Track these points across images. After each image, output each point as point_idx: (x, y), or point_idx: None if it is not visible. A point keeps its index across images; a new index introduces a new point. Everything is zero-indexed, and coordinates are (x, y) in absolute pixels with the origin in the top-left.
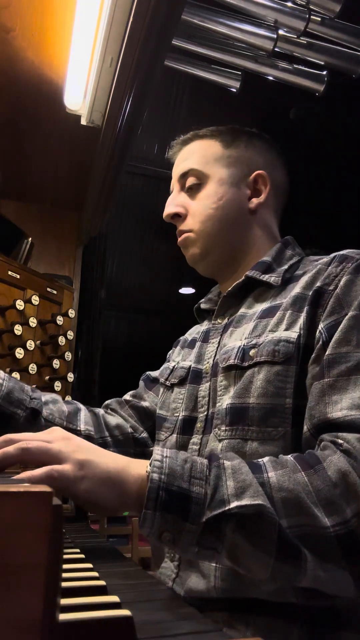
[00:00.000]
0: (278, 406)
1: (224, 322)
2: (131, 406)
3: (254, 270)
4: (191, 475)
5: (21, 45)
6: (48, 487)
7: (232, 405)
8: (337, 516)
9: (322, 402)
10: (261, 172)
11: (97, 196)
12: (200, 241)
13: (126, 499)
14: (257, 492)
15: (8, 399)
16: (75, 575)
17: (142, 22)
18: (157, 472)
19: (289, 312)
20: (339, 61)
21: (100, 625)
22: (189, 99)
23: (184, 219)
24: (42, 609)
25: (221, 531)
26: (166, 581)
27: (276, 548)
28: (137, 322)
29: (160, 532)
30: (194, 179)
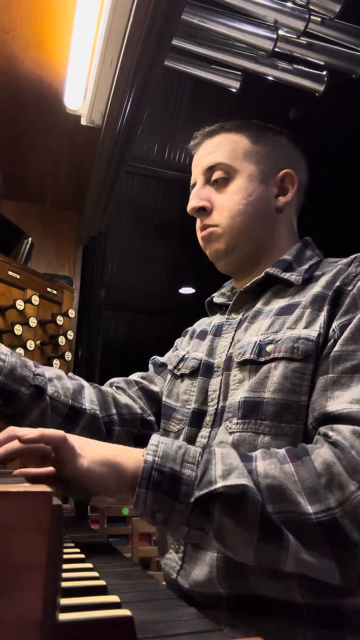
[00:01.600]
0: (293, 403)
1: (238, 318)
2: (141, 388)
3: (274, 267)
4: (184, 459)
5: (21, 45)
6: (48, 487)
7: (245, 398)
8: (320, 504)
9: (324, 396)
10: (289, 171)
11: (97, 196)
12: (227, 237)
13: (123, 479)
14: (242, 473)
15: (11, 377)
16: (75, 575)
17: (142, 22)
18: (151, 454)
19: (309, 310)
20: (339, 61)
21: (100, 625)
22: (189, 99)
23: (209, 213)
24: (42, 609)
25: (209, 511)
26: (170, 572)
27: (259, 528)
28: (137, 322)
29: (153, 512)
30: (221, 173)
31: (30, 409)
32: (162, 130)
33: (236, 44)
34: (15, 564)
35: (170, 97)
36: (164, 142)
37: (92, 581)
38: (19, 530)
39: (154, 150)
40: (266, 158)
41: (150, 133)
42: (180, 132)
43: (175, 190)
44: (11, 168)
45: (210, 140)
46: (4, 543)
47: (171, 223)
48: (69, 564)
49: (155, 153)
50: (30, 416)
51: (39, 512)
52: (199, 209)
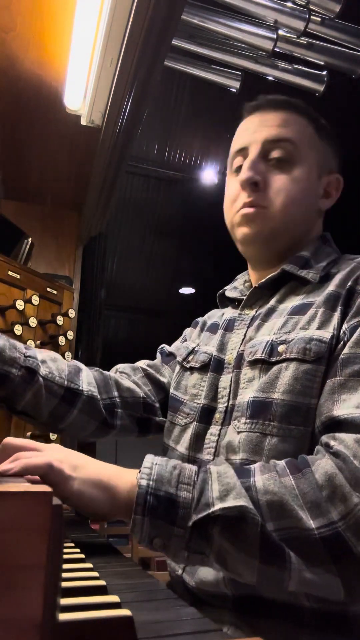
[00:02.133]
0: (303, 405)
1: (251, 314)
2: (147, 375)
3: (291, 264)
4: (179, 480)
5: (21, 45)
6: (48, 487)
7: (255, 398)
8: (323, 518)
9: (331, 399)
10: (339, 177)
11: (97, 196)
12: (274, 222)
13: (116, 504)
14: (239, 493)
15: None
16: (75, 575)
17: (142, 22)
18: (145, 478)
19: (322, 310)
20: (339, 61)
21: (101, 625)
22: (189, 99)
23: (260, 190)
24: (42, 609)
25: (208, 534)
26: (175, 569)
27: (259, 550)
28: (137, 322)
29: (150, 538)
30: (284, 153)
31: (23, 391)
32: (162, 130)
33: (236, 44)
34: (15, 564)
35: (170, 97)
36: (164, 142)
37: (92, 581)
38: (19, 530)
39: (154, 150)
40: (323, 154)
41: (150, 133)
42: (180, 132)
43: (175, 190)
44: (11, 168)
45: (276, 113)
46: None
47: (171, 223)
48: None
49: (155, 153)
50: (23, 398)
51: (39, 512)
52: (253, 183)
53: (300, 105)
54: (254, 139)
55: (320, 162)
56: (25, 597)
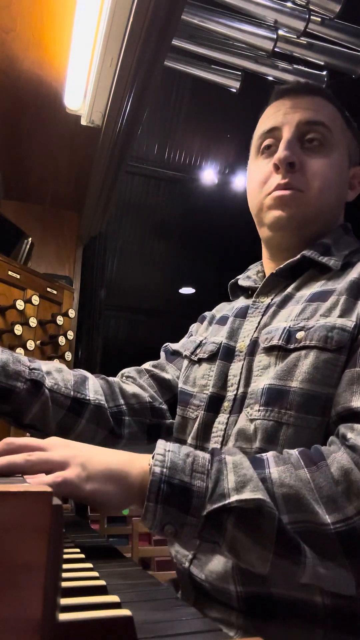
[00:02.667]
0: (322, 395)
1: (266, 302)
2: (152, 376)
3: (312, 250)
4: (193, 469)
5: (21, 45)
6: (48, 487)
7: (270, 386)
8: (338, 513)
9: (349, 390)
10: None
11: (97, 196)
12: (310, 207)
13: (130, 493)
14: (257, 486)
15: (4, 373)
16: (75, 575)
17: (142, 22)
18: (159, 465)
19: (344, 297)
20: (339, 61)
21: (100, 625)
22: (189, 99)
23: (296, 172)
24: (42, 609)
25: (222, 525)
26: (182, 561)
27: (275, 543)
28: (137, 322)
29: (162, 525)
30: (319, 136)
31: (29, 405)
32: (162, 130)
33: (236, 44)
34: (15, 564)
35: (170, 97)
36: (164, 142)
37: (92, 581)
38: (19, 530)
39: (154, 150)
40: (350, 146)
41: (150, 133)
42: (180, 132)
43: (175, 190)
44: (11, 168)
45: (310, 98)
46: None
47: (171, 223)
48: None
49: (155, 153)
50: (30, 412)
51: (39, 512)
52: (290, 163)
53: (331, 96)
54: (288, 120)
55: (350, 151)
56: (25, 597)
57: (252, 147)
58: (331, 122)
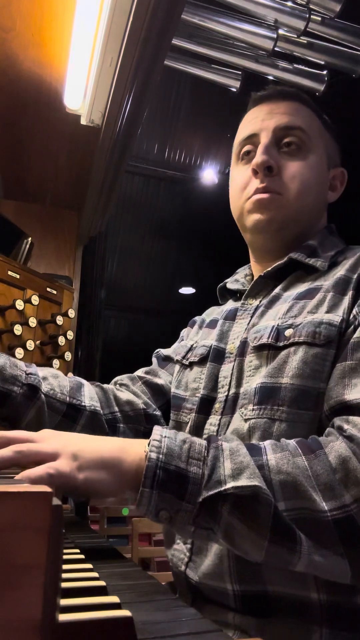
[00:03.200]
0: (312, 389)
1: (255, 303)
2: (145, 382)
3: (298, 252)
4: (189, 455)
5: (21, 45)
6: (48, 487)
7: (262, 384)
8: (335, 501)
9: (341, 383)
10: (344, 170)
11: (97, 196)
12: (288, 209)
13: (124, 479)
14: (253, 473)
15: (0, 377)
16: (75, 575)
17: (142, 22)
18: (155, 451)
19: (331, 294)
20: (339, 61)
21: (100, 626)
22: (189, 99)
23: (274, 175)
24: (41, 609)
25: (217, 511)
26: (178, 564)
27: (270, 530)
28: (137, 322)
29: (157, 511)
30: (296, 139)
31: (25, 409)
32: (162, 130)
33: (236, 43)
34: (15, 564)
35: (170, 97)
36: (164, 142)
37: (92, 582)
38: (19, 530)
39: (154, 150)
40: (329, 148)
41: (150, 133)
42: (180, 132)
43: (175, 190)
44: (11, 168)
45: (287, 103)
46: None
47: (171, 223)
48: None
49: (155, 153)
50: (26, 416)
51: (39, 512)
52: (267, 167)
53: (306, 98)
54: (265, 126)
55: (329, 153)
56: (25, 598)
57: (233, 154)
58: (308, 126)
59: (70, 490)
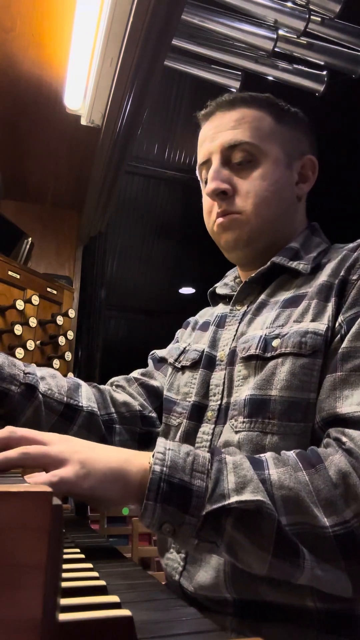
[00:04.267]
0: (302, 400)
1: (242, 309)
2: (140, 384)
3: (280, 256)
4: (193, 468)
5: (21, 45)
6: (48, 487)
7: (252, 396)
8: (337, 517)
9: (333, 395)
10: (312, 158)
11: (97, 196)
12: (251, 225)
13: (129, 491)
14: (257, 488)
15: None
16: (75, 575)
17: (142, 22)
18: (159, 464)
19: (315, 301)
20: (339, 61)
21: (100, 625)
22: (189, 99)
23: (230, 197)
24: (42, 609)
25: (221, 525)
26: (172, 574)
27: (274, 545)
28: (137, 322)
29: (160, 523)
30: (246, 155)
31: (22, 408)
32: (162, 130)
33: (236, 44)
34: (15, 564)
35: (170, 97)
36: (164, 142)
37: (92, 581)
38: (19, 530)
39: (154, 150)
40: (290, 140)
41: (150, 133)
42: (180, 132)
43: (175, 190)
44: (11, 168)
45: (229, 113)
46: (4, 543)
47: (171, 223)
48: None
49: (155, 153)
50: (23, 415)
51: (39, 512)
52: (219, 192)
53: (252, 99)
54: (212, 148)
55: (287, 150)
56: (25, 597)
57: (199, 179)
58: (254, 134)
59: (74, 497)
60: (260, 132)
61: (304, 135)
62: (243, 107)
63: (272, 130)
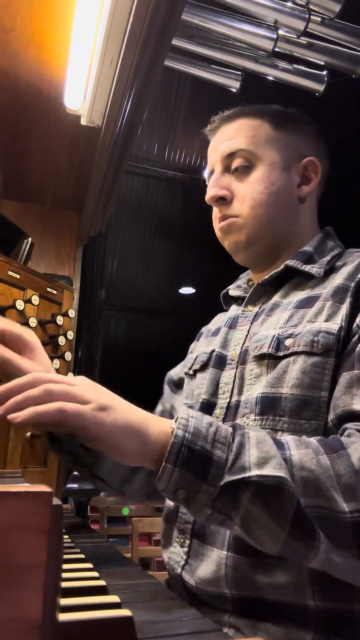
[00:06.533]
0: (313, 398)
1: (255, 310)
2: None
3: (294, 260)
4: (215, 438)
5: (21, 45)
6: (48, 487)
7: (263, 394)
8: (356, 503)
9: (349, 393)
10: (313, 159)
11: (97, 196)
12: (248, 228)
13: (147, 450)
14: (279, 464)
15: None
16: (75, 575)
17: (142, 22)
18: (182, 428)
19: (330, 302)
20: (339, 61)
21: (101, 625)
22: (189, 99)
23: (229, 202)
24: (42, 609)
25: (237, 498)
26: (174, 567)
27: (291, 523)
28: (137, 322)
29: (175, 489)
30: (242, 161)
31: (103, 458)
32: (162, 130)
33: (236, 44)
34: (15, 564)
35: (170, 97)
36: (164, 142)
37: (92, 581)
38: (19, 530)
39: (154, 150)
40: (289, 145)
41: (150, 133)
42: (180, 132)
43: (175, 190)
44: (11, 168)
45: (230, 125)
46: (4, 543)
47: (171, 223)
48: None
49: (155, 153)
50: (104, 465)
51: (39, 512)
52: (218, 199)
53: (252, 110)
54: (215, 159)
55: (285, 154)
56: (25, 597)
57: None
58: (251, 141)
59: (86, 438)
60: (257, 139)
61: (306, 139)
62: (242, 117)
63: (269, 136)
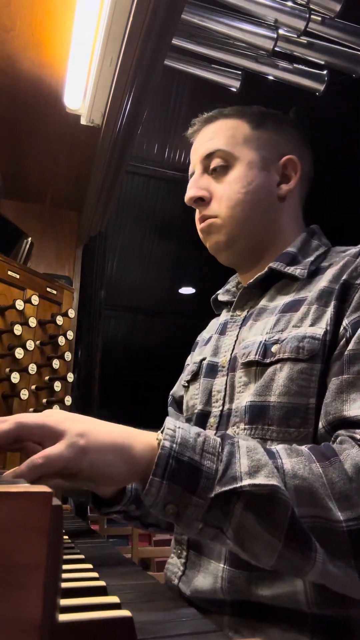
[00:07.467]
0: (301, 406)
1: (243, 315)
2: None
3: (277, 261)
4: (203, 449)
5: (21, 44)
6: (48, 487)
7: (252, 403)
8: (351, 511)
9: (339, 399)
10: (292, 157)
11: (97, 196)
12: (227, 228)
13: (134, 466)
14: (272, 472)
15: None
16: (75, 575)
17: (142, 22)
18: (169, 439)
19: (315, 306)
20: (339, 61)
21: (100, 626)
22: (189, 99)
23: (207, 203)
24: (41, 609)
25: (229, 509)
26: (172, 578)
27: (286, 534)
28: (137, 322)
29: (164, 504)
30: (220, 161)
31: None
32: (162, 130)
33: (236, 43)
34: (15, 564)
35: (170, 97)
36: (164, 142)
37: (92, 582)
38: (19, 530)
39: (154, 150)
40: (267, 144)
41: (150, 133)
42: (180, 132)
43: (175, 190)
44: (11, 168)
45: (209, 127)
46: (4, 543)
47: (171, 223)
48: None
49: (155, 153)
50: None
51: (39, 512)
52: (197, 199)
53: (231, 111)
54: (195, 160)
55: (264, 153)
56: (25, 598)
57: None
58: (228, 142)
59: (73, 474)
60: (234, 139)
61: (287, 138)
62: (221, 119)
63: (247, 136)
